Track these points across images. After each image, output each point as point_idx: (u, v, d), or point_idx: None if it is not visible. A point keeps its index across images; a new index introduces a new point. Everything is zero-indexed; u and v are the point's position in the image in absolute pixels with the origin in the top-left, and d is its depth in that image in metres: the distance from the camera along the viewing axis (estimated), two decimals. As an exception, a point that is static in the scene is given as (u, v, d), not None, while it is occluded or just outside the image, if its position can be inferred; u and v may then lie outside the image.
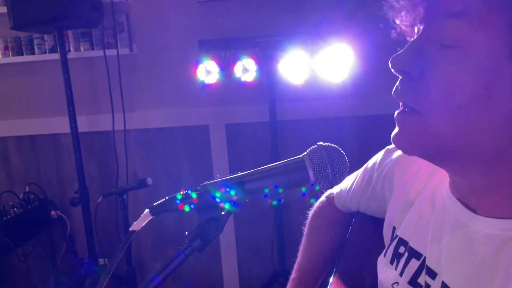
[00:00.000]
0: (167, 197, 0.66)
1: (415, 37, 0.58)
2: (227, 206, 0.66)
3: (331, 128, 2.44)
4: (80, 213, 2.35)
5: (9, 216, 2.31)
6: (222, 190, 0.66)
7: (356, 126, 2.46)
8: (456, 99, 0.52)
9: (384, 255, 0.80)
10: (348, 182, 1.00)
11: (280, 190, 0.67)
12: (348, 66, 2.02)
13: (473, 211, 0.61)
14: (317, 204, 1.11)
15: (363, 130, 2.43)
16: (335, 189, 1.05)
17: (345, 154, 0.70)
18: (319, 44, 2.04)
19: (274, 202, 0.67)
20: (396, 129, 0.60)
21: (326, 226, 1.06)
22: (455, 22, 0.52)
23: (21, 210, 2.40)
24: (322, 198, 1.11)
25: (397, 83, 0.60)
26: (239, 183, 0.66)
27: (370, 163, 0.94)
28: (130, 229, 0.64)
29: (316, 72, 2.08)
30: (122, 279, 2.32)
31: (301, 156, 0.67)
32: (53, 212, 2.60)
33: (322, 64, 2.04)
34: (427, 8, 0.56)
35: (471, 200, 0.61)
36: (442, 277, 0.62)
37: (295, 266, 1.03)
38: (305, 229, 1.08)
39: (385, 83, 0.88)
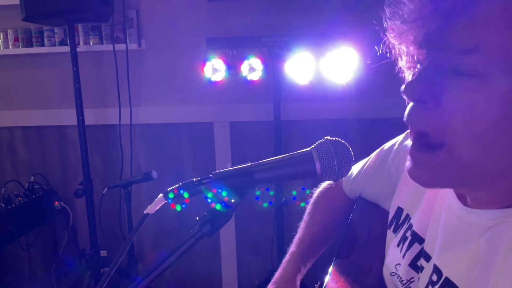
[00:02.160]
0: (181, 183, 0.69)
1: (424, 64, 0.56)
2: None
3: (335, 129, 2.45)
4: (83, 204, 2.38)
5: (13, 205, 2.35)
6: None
7: (361, 128, 2.48)
8: (480, 126, 0.52)
9: (397, 243, 0.82)
10: (359, 165, 1.01)
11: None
12: (354, 68, 2.05)
13: (466, 204, 0.65)
14: (323, 185, 1.13)
15: (368, 133, 2.45)
16: None
17: None
18: (326, 46, 2.06)
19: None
20: (411, 163, 0.60)
21: (329, 208, 1.08)
22: (469, 56, 0.51)
23: (25, 200, 2.43)
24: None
25: (408, 109, 0.59)
26: (249, 172, 0.69)
27: (386, 145, 0.96)
28: (144, 212, 0.67)
29: (322, 74, 2.10)
30: (122, 271, 2.35)
31: (309, 149, 0.69)
32: (56, 202, 2.64)
33: (328, 66, 2.07)
34: (431, 43, 0.54)
35: (465, 196, 0.66)
36: (434, 260, 0.67)
37: (295, 240, 1.04)
38: (308, 207, 1.10)
39: (390, 86, 0.91)
